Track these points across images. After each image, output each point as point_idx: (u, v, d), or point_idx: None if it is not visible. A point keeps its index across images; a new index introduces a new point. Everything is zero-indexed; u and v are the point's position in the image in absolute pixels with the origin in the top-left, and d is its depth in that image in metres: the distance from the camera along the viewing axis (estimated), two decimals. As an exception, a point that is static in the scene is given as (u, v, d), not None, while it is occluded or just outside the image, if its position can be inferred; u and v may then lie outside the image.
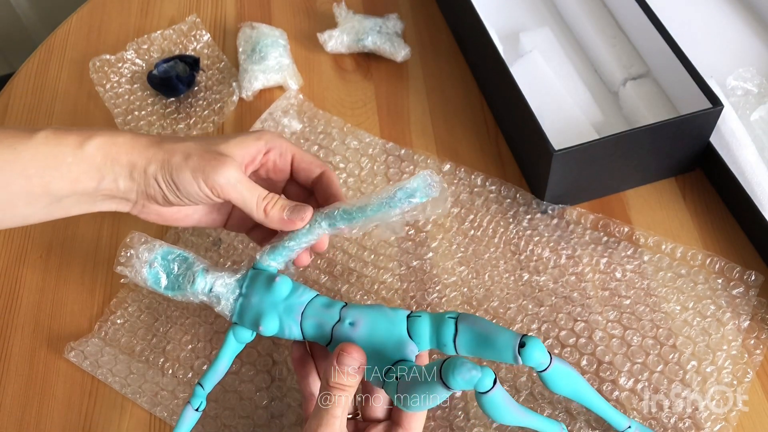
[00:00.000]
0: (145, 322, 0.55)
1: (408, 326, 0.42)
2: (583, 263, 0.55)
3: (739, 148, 0.55)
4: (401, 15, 0.72)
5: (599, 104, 0.62)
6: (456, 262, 0.56)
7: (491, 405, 0.37)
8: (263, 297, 0.44)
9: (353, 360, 0.40)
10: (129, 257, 0.46)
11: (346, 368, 0.40)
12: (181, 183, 0.43)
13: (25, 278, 0.59)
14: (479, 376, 0.35)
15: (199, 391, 0.45)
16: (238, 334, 0.45)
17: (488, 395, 0.36)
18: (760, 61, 0.63)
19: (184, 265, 0.46)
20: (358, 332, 0.42)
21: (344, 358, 0.40)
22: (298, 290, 0.45)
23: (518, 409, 0.39)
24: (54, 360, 0.54)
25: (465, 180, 0.60)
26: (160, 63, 0.69)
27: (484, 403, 0.37)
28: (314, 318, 0.44)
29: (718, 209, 0.57)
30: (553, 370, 0.40)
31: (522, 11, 0.70)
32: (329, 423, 0.40)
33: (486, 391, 0.36)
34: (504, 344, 0.39)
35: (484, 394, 0.36)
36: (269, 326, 0.44)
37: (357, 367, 0.40)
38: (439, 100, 0.67)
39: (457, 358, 0.36)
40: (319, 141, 0.64)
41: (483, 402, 0.37)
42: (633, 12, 0.60)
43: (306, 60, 0.71)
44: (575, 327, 0.52)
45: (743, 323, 0.51)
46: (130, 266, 0.46)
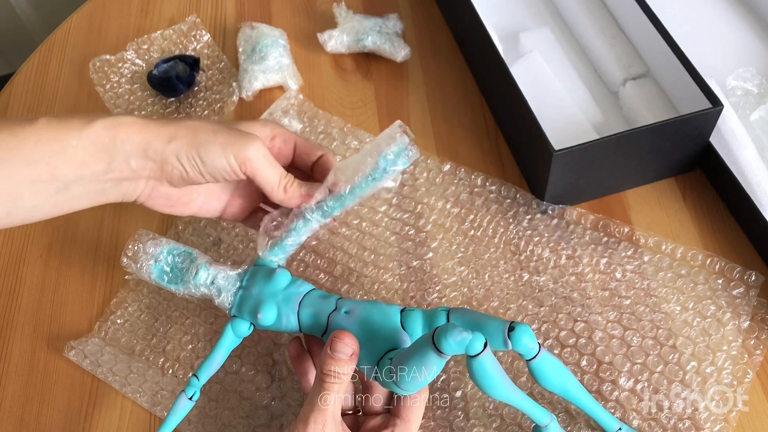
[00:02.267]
0: (146, 322, 0.55)
1: (402, 319, 0.44)
2: (583, 263, 0.55)
3: (739, 148, 0.55)
4: (401, 15, 0.72)
5: (599, 104, 0.62)
6: (456, 262, 0.56)
7: (481, 370, 0.37)
8: (263, 287, 0.46)
9: (346, 346, 0.41)
10: (136, 251, 0.47)
11: (339, 354, 0.40)
12: (208, 157, 0.43)
13: (25, 278, 0.59)
14: (470, 338, 0.36)
15: (194, 381, 0.45)
16: (236, 328, 0.46)
17: (478, 359, 0.37)
18: (760, 61, 0.63)
19: (188, 259, 0.47)
20: (354, 321, 0.43)
21: (337, 345, 0.41)
22: (297, 282, 0.46)
23: (509, 382, 0.39)
24: (54, 360, 0.54)
25: (465, 180, 0.60)
26: (160, 63, 0.69)
27: (474, 368, 0.37)
28: (311, 307, 0.45)
29: (718, 209, 0.57)
30: (542, 360, 0.41)
31: (522, 11, 0.70)
32: (321, 410, 0.40)
33: (476, 354, 0.36)
34: (494, 329, 0.40)
35: (474, 357, 0.37)
36: (267, 315, 0.45)
37: (350, 354, 0.41)
38: (439, 100, 0.67)
39: (448, 323, 0.38)
40: (319, 141, 0.64)
41: (473, 367, 0.37)
42: (633, 12, 0.60)
43: (306, 60, 0.71)
44: (575, 327, 0.52)
45: (743, 323, 0.51)
46: (136, 260, 0.47)
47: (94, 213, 0.46)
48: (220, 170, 0.44)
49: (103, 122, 0.42)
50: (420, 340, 0.38)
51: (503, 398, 0.39)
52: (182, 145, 0.43)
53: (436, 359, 0.37)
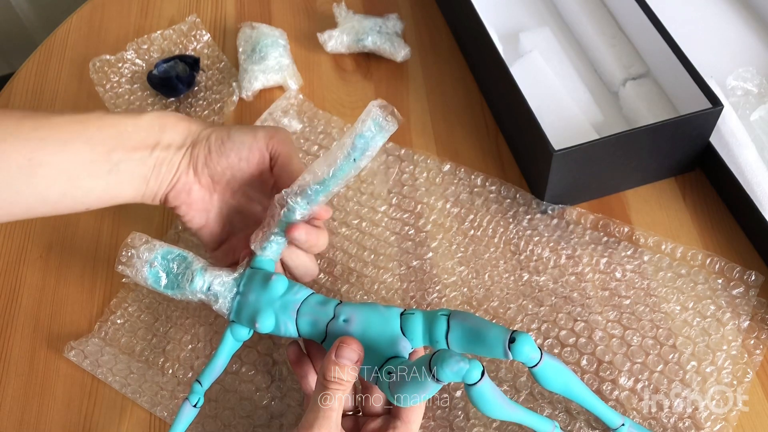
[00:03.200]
0: (145, 322, 0.55)
1: (401, 323, 0.43)
2: (583, 263, 0.55)
3: (739, 148, 0.55)
4: (401, 15, 0.72)
5: (599, 104, 0.62)
6: (456, 262, 0.56)
7: (480, 397, 0.37)
8: (260, 295, 0.45)
9: (352, 352, 0.40)
10: (130, 257, 0.46)
11: (345, 360, 0.40)
12: (236, 133, 0.48)
13: (25, 278, 0.59)
14: (467, 368, 0.36)
15: (197, 387, 0.45)
16: (236, 332, 0.46)
17: (476, 387, 0.37)
18: (760, 61, 0.63)
19: (183, 264, 0.46)
20: (352, 329, 0.43)
21: (343, 350, 0.40)
22: (294, 288, 0.46)
23: (508, 403, 0.39)
24: (54, 360, 0.54)
25: (465, 180, 0.60)
26: (160, 63, 0.69)
27: (473, 395, 0.37)
28: (309, 315, 0.44)
29: (718, 209, 0.57)
30: (544, 366, 0.41)
31: (522, 11, 0.70)
32: (326, 416, 0.40)
33: (474, 383, 0.36)
34: (494, 340, 0.40)
35: (472, 386, 0.37)
36: (265, 323, 0.44)
37: (355, 360, 0.41)
38: (439, 100, 0.67)
39: (445, 351, 0.37)
40: (319, 141, 0.64)
41: (472, 394, 0.37)
42: (633, 12, 0.60)
43: (306, 60, 0.71)
44: (575, 327, 0.52)
45: (743, 323, 0.51)
46: (131, 266, 0.46)
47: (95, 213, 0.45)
48: (245, 145, 0.47)
49: (153, 113, 0.48)
50: (417, 364, 0.38)
51: (504, 418, 0.40)
52: (217, 129, 0.48)
53: (433, 385, 0.37)
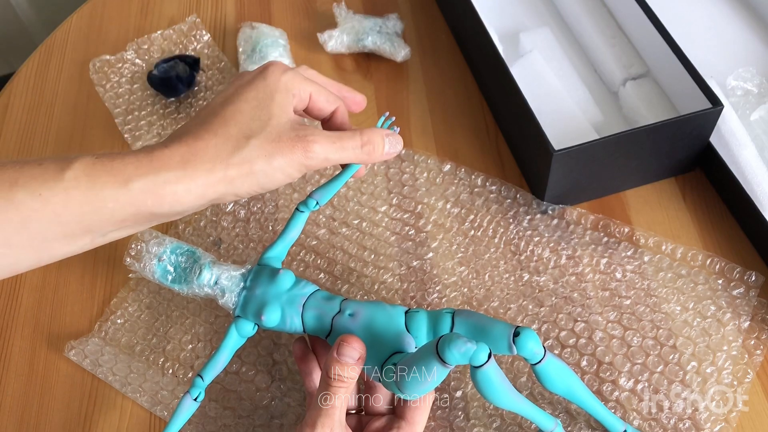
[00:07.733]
0: (146, 322, 0.55)
1: (406, 321, 0.43)
2: (584, 263, 0.55)
3: (739, 148, 0.55)
4: (401, 15, 0.72)
5: (599, 104, 0.62)
6: (456, 262, 0.56)
7: (486, 381, 0.37)
8: (266, 289, 0.45)
9: (353, 350, 0.40)
10: (139, 250, 0.47)
11: (346, 358, 0.40)
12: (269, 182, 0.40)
13: (25, 278, 0.59)
14: (474, 349, 0.36)
15: (199, 382, 0.45)
16: (240, 328, 0.46)
17: (483, 370, 0.37)
18: (760, 61, 0.63)
19: (191, 259, 0.47)
20: (358, 323, 0.43)
21: (344, 348, 0.40)
22: (300, 283, 0.46)
23: (513, 391, 0.39)
24: (54, 360, 0.54)
25: (465, 180, 0.60)
26: (160, 63, 0.69)
27: (478, 379, 0.37)
28: (315, 309, 0.45)
29: (718, 209, 0.57)
30: (547, 364, 0.41)
31: (522, 11, 0.70)
32: (329, 414, 0.40)
33: (480, 365, 0.36)
34: (499, 334, 0.40)
35: (478, 368, 0.37)
36: (271, 316, 0.44)
37: (357, 358, 0.40)
38: (439, 100, 0.67)
39: (453, 333, 0.37)
40: (319, 141, 0.64)
41: (478, 378, 0.37)
42: (633, 12, 0.60)
43: (306, 60, 0.71)
44: (575, 327, 0.52)
45: (743, 324, 0.51)
46: (140, 259, 0.47)
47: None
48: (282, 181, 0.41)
49: (143, 183, 0.37)
50: (424, 349, 0.38)
51: (508, 407, 0.39)
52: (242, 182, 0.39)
53: (440, 368, 0.37)
